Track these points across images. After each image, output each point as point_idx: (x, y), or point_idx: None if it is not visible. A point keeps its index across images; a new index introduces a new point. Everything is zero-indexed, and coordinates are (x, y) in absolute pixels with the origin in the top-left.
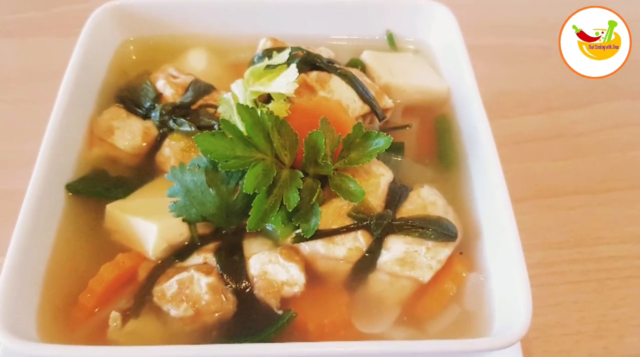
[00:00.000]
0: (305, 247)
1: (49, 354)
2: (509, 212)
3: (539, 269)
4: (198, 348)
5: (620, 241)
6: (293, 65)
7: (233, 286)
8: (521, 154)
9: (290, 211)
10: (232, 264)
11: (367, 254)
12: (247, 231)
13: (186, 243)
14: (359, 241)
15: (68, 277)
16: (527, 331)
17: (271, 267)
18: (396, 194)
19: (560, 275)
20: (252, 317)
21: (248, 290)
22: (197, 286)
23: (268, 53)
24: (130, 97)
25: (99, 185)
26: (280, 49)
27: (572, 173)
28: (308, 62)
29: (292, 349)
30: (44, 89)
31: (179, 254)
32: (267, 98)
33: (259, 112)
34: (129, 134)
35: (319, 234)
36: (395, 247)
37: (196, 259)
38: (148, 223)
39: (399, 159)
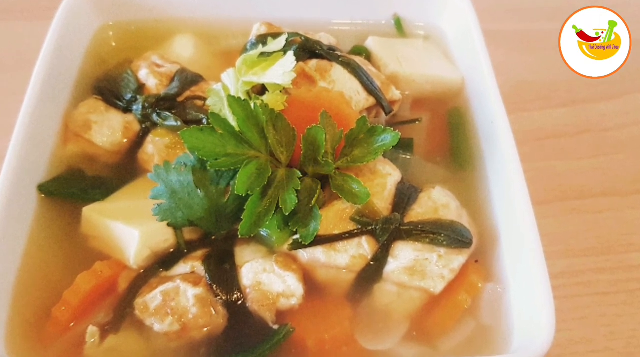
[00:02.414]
0: (304, 254)
1: None
2: (530, 216)
3: (562, 279)
4: None
5: None
6: (290, 53)
7: (223, 297)
8: (543, 151)
9: (287, 214)
10: (222, 273)
11: (372, 263)
12: (239, 236)
13: (171, 250)
14: (364, 247)
15: (40, 288)
16: (549, 347)
17: (266, 277)
18: (404, 196)
19: (586, 285)
20: (244, 332)
21: (240, 302)
22: (183, 297)
23: (262, 39)
24: (110, 88)
25: (75, 186)
26: (275, 35)
27: (600, 173)
28: (307, 50)
29: None
30: (14, 79)
31: (164, 262)
32: (262, 89)
33: (252, 105)
34: (108, 129)
35: (319, 240)
36: (404, 254)
37: (182, 268)
38: (129, 228)
39: (408, 156)
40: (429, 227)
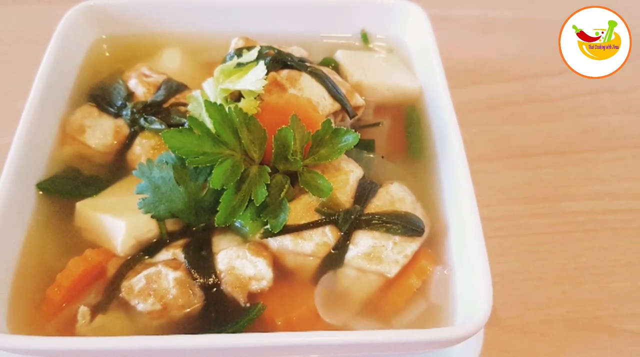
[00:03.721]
0: (274, 242)
1: (19, 345)
2: (474, 211)
3: (503, 221)
4: (164, 339)
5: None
6: (261, 63)
7: (201, 280)
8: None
9: (259, 206)
10: (200, 259)
11: (335, 250)
12: (216, 225)
13: (155, 240)
14: (327, 236)
15: (39, 273)
16: (485, 322)
17: (239, 262)
18: (365, 190)
19: (524, 227)
20: (220, 311)
21: (216, 285)
22: (164, 280)
23: (239, 52)
24: (103, 95)
25: (70, 183)
26: (251, 48)
27: (544, 136)
28: (279, 61)
29: (258, 340)
30: (17, 82)
31: (148, 250)
32: (239, 96)
33: (227, 109)
34: (101, 132)
35: (288, 230)
36: (363, 242)
37: (165, 255)
38: (116, 220)
39: (371, 156)
40: (386, 218)
